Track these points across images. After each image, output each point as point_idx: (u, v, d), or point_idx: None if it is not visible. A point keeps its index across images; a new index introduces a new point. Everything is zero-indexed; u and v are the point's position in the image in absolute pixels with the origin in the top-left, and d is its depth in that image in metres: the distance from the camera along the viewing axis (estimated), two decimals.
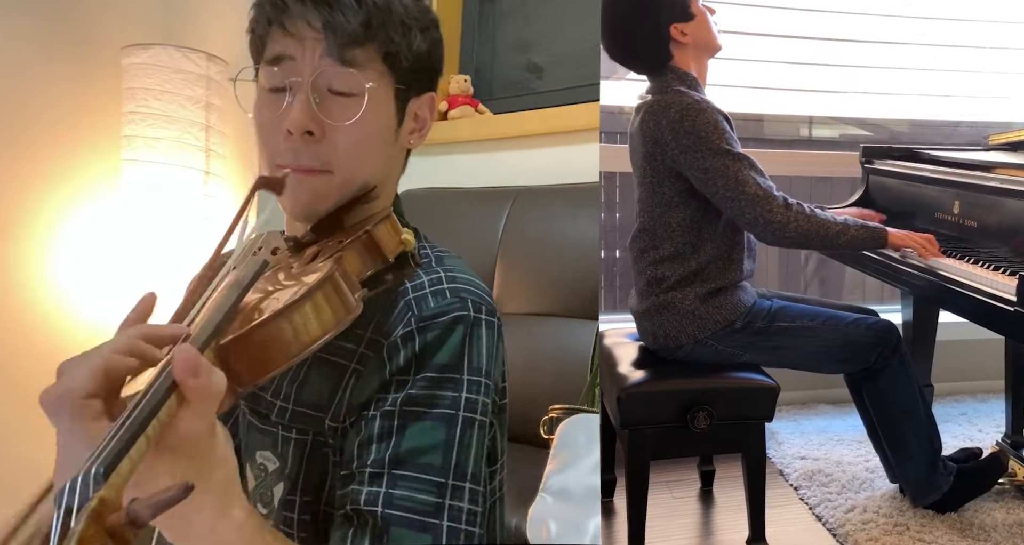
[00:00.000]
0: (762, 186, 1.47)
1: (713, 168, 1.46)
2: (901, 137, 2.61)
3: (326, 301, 0.60)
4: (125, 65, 1.86)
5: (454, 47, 2.53)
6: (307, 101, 0.75)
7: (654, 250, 1.58)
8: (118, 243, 1.87)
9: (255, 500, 0.82)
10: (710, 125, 1.47)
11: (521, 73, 2.51)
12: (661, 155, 1.52)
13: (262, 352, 0.56)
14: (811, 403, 2.45)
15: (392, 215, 0.75)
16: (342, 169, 0.77)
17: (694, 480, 1.95)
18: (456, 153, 2.28)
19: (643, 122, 1.54)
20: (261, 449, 0.81)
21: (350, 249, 0.69)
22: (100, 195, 1.99)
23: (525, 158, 2.20)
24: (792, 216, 1.47)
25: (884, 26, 2.53)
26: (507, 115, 2.30)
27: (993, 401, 2.40)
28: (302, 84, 0.76)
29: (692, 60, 1.58)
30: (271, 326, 0.56)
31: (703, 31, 1.58)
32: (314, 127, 0.76)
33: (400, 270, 0.73)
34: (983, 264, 1.48)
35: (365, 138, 0.78)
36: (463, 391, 0.74)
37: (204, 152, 1.88)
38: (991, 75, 2.61)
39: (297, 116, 0.75)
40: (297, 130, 0.75)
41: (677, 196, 1.53)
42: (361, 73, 0.76)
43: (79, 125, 2.00)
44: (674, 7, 1.56)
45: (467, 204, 2.11)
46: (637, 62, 1.63)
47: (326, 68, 0.75)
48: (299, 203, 0.79)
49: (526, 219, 2.00)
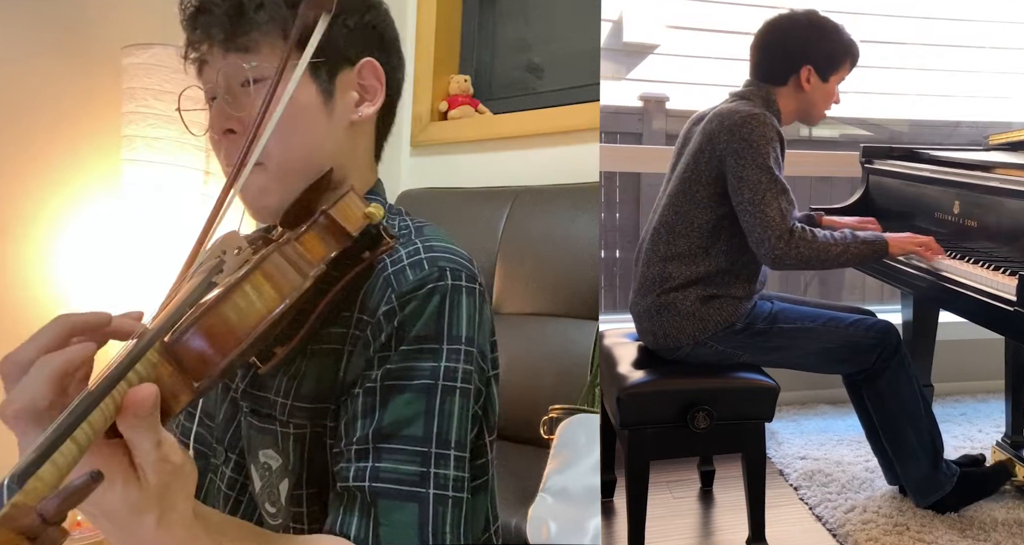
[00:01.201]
0: (782, 214, 1.48)
1: (748, 178, 1.49)
2: (901, 137, 2.61)
3: (266, 279, 0.59)
4: (125, 65, 1.86)
5: (454, 47, 2.53)
6: (220, 101, 0.77)
7: (667, 246, 1.58)
8: (118, 243, 1.87)
9: (263, 500, 0.82)
10: (764, 139, 1.50)
11: (521, 73, 2.51)
12: (711, 152, 1.54)
13: (209, 341, 0.56)
14: (811, 403, 2.45)
15: (352, 192, 0.73)
16: (271, 158, 0.76)
17: (694, 480, 1.95)
18: (456, 153, 2.28)
19: (708, 121, 1.58)
20: (263, 448, 0.81)
21: (308, 232, 0.68)
22: (100, 195, 1.99)
23: (525, 158, 2.20)
24: (793, 245, 1.48)
25: (884, 26, 2.53)
26: (507, 115, 2.30)
27: (993, 401, 2.40)
28: (210, 89, 0.78)
29: (792, 107, 1.65)
30: (211, 315, 0.56)
31: (819, 98, 1.65)
32: (232, 124, 0.77)
33: (375, 245, 0.72)
34: (983, 264, 1.48)
35: (285, 120, 0.74)
36: (442, 360, 0.73)
37: (204, 152, 1.87)
38: (991, 75, 2.61)
39: (213, 118, 0.77)
40: (217, 131, 0.77)
41: (708, 198, 1.55)
42: (255, 57, 0.76)
43: (79, 125, 2.00)
44: (823, 58, 1.63)
45: (467, 204, 2.11)
46: (758, 64, 1.67)
47: (223, 65, 0.77)
48: (247, 203, 0.79)
49: (526, 219, 2.00)
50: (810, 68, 1.62)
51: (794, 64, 1.63)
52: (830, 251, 1.52)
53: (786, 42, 1.64)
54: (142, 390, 0.51)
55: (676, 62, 2.46)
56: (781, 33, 1.66)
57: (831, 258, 1.53)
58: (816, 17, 1.66)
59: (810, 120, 1.71)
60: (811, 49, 1.63)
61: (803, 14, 1.66)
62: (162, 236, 1.83)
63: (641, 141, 2.47)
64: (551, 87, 2.41)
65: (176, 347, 0.55)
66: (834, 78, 1.65)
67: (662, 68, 2.47)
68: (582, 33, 2.22)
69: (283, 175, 0.77)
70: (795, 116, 1.68)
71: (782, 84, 1.64)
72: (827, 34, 1.65)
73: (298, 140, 0.78)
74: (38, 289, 1.95)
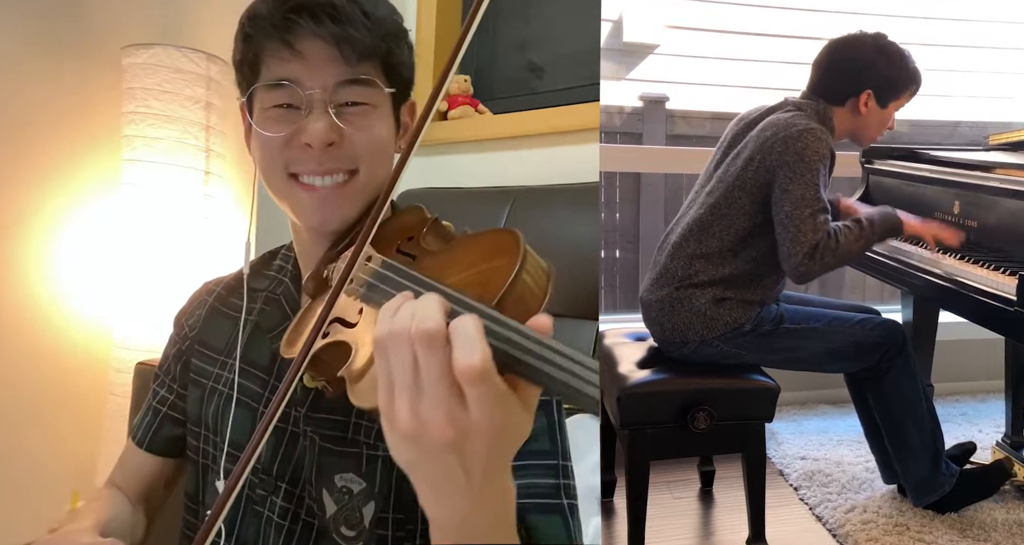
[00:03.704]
0: (816, 231, 1.50)
1: (793, 193, 1.51)
2: (901, 137, 2.61)
3: (532, 251, 0.60)
4: (125, 65, 1.86)
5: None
6: (326, 115, 0.76)
7: (697, 244, 1.60)
8: (118, 243, 1.87)
9: (338, 524, 0.80)
10: (817, 156, 1.52)
11: (521, 73, 2.51)
12: (762, 160, 1.55)
13: (521, 306, 0.56)
14: (811, 403, 2.45)
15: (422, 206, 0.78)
16: (366, 169, 0.78)
17: (694, 480, 1.95)
18: (456, 153, 2.28)
19: (763, 129, 1.59)
20: (341, 472, 0.79)
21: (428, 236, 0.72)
22: (100, 195, 1.99)
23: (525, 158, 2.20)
24: (817, 260, 1.51)
25: (884, 26, 2.52)
26: (507, 115, 2.30)
27: (993, 401, 2.40)
28: (315, 99, 0.76)
29: (845, 127, 1.67)
30: (520, 279, 0.56)
31: (874, 122, 1.67)
32: (335, 137, 0.76)
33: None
34: (983, 264, 1.48)
35: (382, 142, 0.80)
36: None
37: (204, 152, 1.87)
38: (991, 75, 2.61)
39: (319, 129, 0.75)
40: (320, 143, 0.76)
41: (751, 205, 1.57)
42: (372, 85, 0.78)
43: (79, 125, 2.00)
44: (885, 84, 1.64)
45: (467, 204, 2.11)
46: (819, 81, 1.68)
47: (339, 81, 0.76)
48: (333, 216, 0.79)
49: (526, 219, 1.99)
50: (870, 92, 1.64)
51: (855, 87, 1.64)
52: (852, 250, 1.56)
53: (851, 64, 1.65)
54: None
55: (676, 62, 2.46)
56: (847, 54, 1.66)
57: (853, 255, 1.59)
58: (884, 42, 1.66)
59: (860, 142, 1.73)
60: (875, 74, 1.64)
61: (872, 37, 1.66)
62: (162, 236, 1.83)
63: (641, 141, 2.47)
64: (551, 87, 2.41)
65: (503, 308, 0.55)
66: (893, 105, 1.67)
67: (662, 68, 2.47)
68: (582, 33, 2.21)
69: (368, 186, 0.79)
70: (846, 136, 1.69)
71: (840, 104, 1.65)
72: (893, 61, 1.65)
73: (385, 160, 0.81)
74: (38, 289, 1.95)
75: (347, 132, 0.77)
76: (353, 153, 0.78)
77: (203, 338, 0.94)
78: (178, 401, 0.96)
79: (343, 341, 0.63)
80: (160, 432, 0.97)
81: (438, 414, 0.48)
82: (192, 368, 0.94)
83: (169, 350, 0.99)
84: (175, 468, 0.98)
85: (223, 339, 0.92)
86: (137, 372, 1.52)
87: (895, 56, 1.65)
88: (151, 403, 0.99)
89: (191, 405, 0.92)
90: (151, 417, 0.98)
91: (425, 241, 0.72)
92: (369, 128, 0.78)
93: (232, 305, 0.94)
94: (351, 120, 0.77)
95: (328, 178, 0.78)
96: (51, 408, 1.92)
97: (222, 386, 0.89)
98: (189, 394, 0.93)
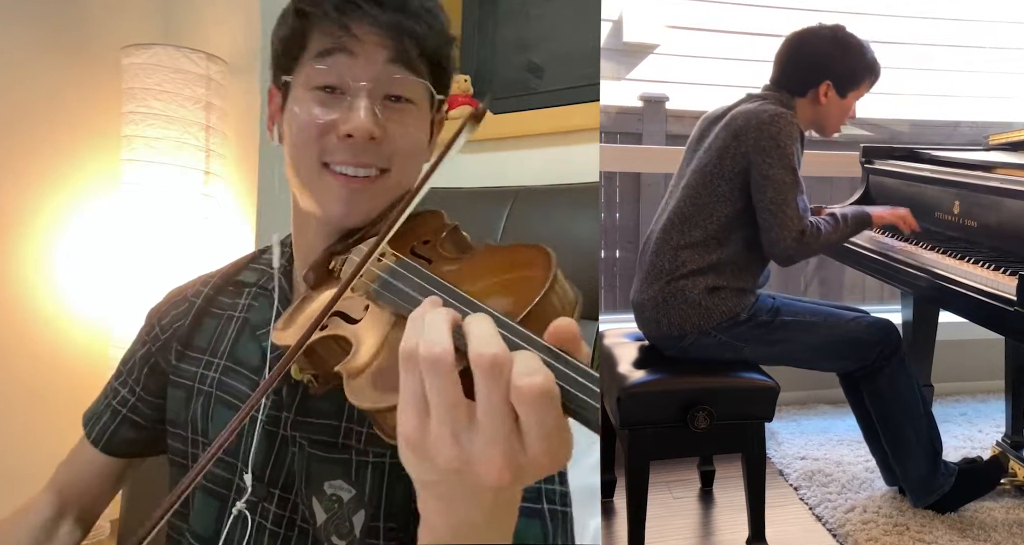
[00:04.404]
0: (799, 215, 1.56)
1: (774, 177, 1.55)
2: (901, 137, 2.61)
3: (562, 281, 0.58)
4: (125, 65, 1.86)
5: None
6: (371, 106, 0.73)
7: (681, 235, 1.61)
8: (118, 243, 1.87)
9: (329, 533, 0.77)
10: (791, 139, 1.56)
11: (521, 73, 2.51)
12: (735, 148, 1.59)
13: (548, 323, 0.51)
14: (811, 403, 2.45)
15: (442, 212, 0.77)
16: (398, 169, 0.76)
17: (694, 480, 1.95)
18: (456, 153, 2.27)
19: (733, 118, 1.62)
20: (330, 479, 0.77)
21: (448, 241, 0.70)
22: (100, 195, 1.99)
23: (525, 158, 2.20)
24: (804, 244, 1.57)
25: (884, 26, 2.53)
26: (507, 115, 2.30)
27: (993, 401, 2.40)
28: (364, 88, 0.73)
29: (807, 117, 1.70)
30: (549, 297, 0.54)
31: (835, 112, 1.70)
32: (378, 131, 0.74)
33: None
34: (983, 264, 1.48)
35: (419, 142, 0.78)
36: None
37: (204, 152, 1.87)
38: (991, 75, 2.61)
39: (364, 121, 0.72)
40: (363, 135, 0.73)
41: (730, 192, 1.60)
42: (422, 84, 0.76)
43: (79, 125, 2.00)
44: (844, 74, 1.68)
45: (467, 204, 2.10)
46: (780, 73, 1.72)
47: (392, 74, 0.74)
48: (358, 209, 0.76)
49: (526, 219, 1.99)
50: (829, 83, 1.67)
51: (815, 78, 1.67)
52: (830, 239, 1.63)
53: (809, 55, 1.68)
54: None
55: (676, 62, 2.46)
56: (806, 46, 1.70)
57: (831, 244, 1.67)
58: (842, 33, 1.70)
59: (823, 132, 1.75)
60: (833, 65, 1.67)
61: (830, 29, 1.70)
62: (162, 236, 1.83)
63: (641, 141, 2.47)
64: (551, 87, 2.41)
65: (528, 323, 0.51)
66: (852, 95, 1.70)
67: (662, 68, 2.47)
68: (582, 33, 2.21)
69: (398, 187, 0.77)
70: (809, 126, 1.72)
71: (801, 95, 1.69)
72: (850, 52, 1.68)
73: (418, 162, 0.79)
74: (38, 289, 1.95)
75: (389, 128, 0.75)
76: (390, 150, 0.75)
77: (186, 339, 0.90)
78: (139, 404, 0.93)
79: (342, 336, 0.62)
80: (118, 433, 0.93)
81: (494, 453, 0.43)
82: (171, 370, 0.90)
83: (136, 348, 0.96)
84: (127, 466, 0.95)
85: (207, 338, 0.89)
86: None
87: (853, 47, 1.68)
88: (110, 401, 0.95)
89: (174, 406, 0.89)
90: (109, 417, 0.94)
91: (443, 246, 0.71)
92: (409, 127, 0.76)
93: (219, 303, 0.91)
94: (393, 117, 0.75)
95: (361, 170, 0.75)
96: (50, 408, 1.92)
97: (208, 386, 0.86)
98: (170, 395, 0.89)
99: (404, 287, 0.60)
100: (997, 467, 1.80)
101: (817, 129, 1.74)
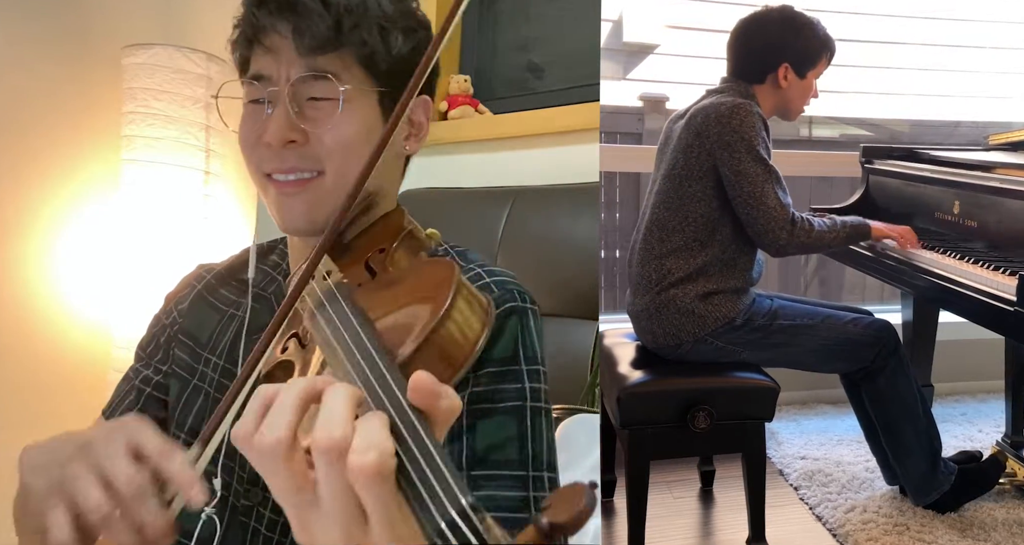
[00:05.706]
0: (781, 202, 1.53)
1: (746, 172, 1.51)
2: (901, 137, 2.61)
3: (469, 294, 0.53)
4: (125, 65, 1.86)
5: (454, 47, 2.53)
6: (285, 112, 0.74)
7: (661, 243, 1.59)
8: (118, 243, 1.87)
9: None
10: (753, 129, 1.53)
11: (521, 73, 2.51)
12: (699, 147, 1.55)
13: (442, 358, 0.49)
14: (811, 403, 2.45)
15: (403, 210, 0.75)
16: (333, 169, 0.75)
17: (694, 480, 1.95)
18: (456, 153, 2.27)
19: (692, 117, 1.59)
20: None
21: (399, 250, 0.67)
22: (100, 195, 1.99)
23: (525, 158, 2.20)
24: (795, 235, 1.54)
25: (884, 26, 2.53)
26: (507, 115, 2.30)
27: (993, 401, 2.40)
28: (279, 94, 0.74)
29: (770, 103, 1.66)
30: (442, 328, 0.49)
31: (797, 94, 1.67)
32: (295, 136, 0.74)
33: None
34: (983, 264, 1.48)
35: (350, 140, 0.76)
36: (525, 381, 0.73)
37: (204, 152, 1.87)
38: (991, 75, 2.61)
39: (275, 128, 0.73)
40: (278, 142, 0.74)
41: (702, 191, 1.57)
42: (335, 78, 0.74)
43: (79, 125, 2.00)
44: (799, 55, 1.64)
45: (467, 204, 2.10)
46: (735, 63, 1.68)
47: (300, 76, 0.74)
48: (295, 215, 0.76)
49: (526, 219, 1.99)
50: (787, 66, 1.64)
51: (771, 63, 1.64)
52: (824, 238, 1.59)
53: (762, 41, 1.65)
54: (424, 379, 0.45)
55: (676, 62, 2.46)
56: (757, 32, 1.66)
57: (824, 244, 1.62)
58: (791, 13, 1.67)
59: (788, 116, 1.72)
60: (787, 47, 1.64)
61: (777, 11, 1.67)
62: (162, 236, 1.83)
63: (641, 141, 2.47)
64: (551, 87, 2.41)
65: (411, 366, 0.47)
66: (811, 74, 1.67)
67: (662, 68, 2.47)
68: (582, 33, 2.21)
69: (337, 188, 0.75)
70: (773, 112, 1.69)
71: (760, 82, 1.65)
72: (802, 31, 1.65)
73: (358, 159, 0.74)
74: (38, 289, 1.95)
75: (311, 130, 0.74)
76: (318, 153, 0.75)
77: (188, 327, 0.90)
78: (163, 381, 0.91)
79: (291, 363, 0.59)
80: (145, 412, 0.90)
81: (335, 537, 0.42)
82: (174, 356, 0.90)
83: (155, 328, 0.94)
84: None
85: (207, 332, 0.89)
86: None
87: (804, 26, 1.66)
88: (133, 382, 0.92)
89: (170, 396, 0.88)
90: (134, 397, 0.91)
91: (394, 256, 0.67)
92: (336, 126, 0.74)
93: (221, 297, 0.91)
94: (317, 117, 0.75)
95: (292, 175, 0.75)
96: (50, 408, 1.92)
97: (206, 385, 0.86)
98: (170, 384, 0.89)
99: (331, 312, 0.55)
100: (996, 465, 1.81)
101: (781, 114, 1.70)
